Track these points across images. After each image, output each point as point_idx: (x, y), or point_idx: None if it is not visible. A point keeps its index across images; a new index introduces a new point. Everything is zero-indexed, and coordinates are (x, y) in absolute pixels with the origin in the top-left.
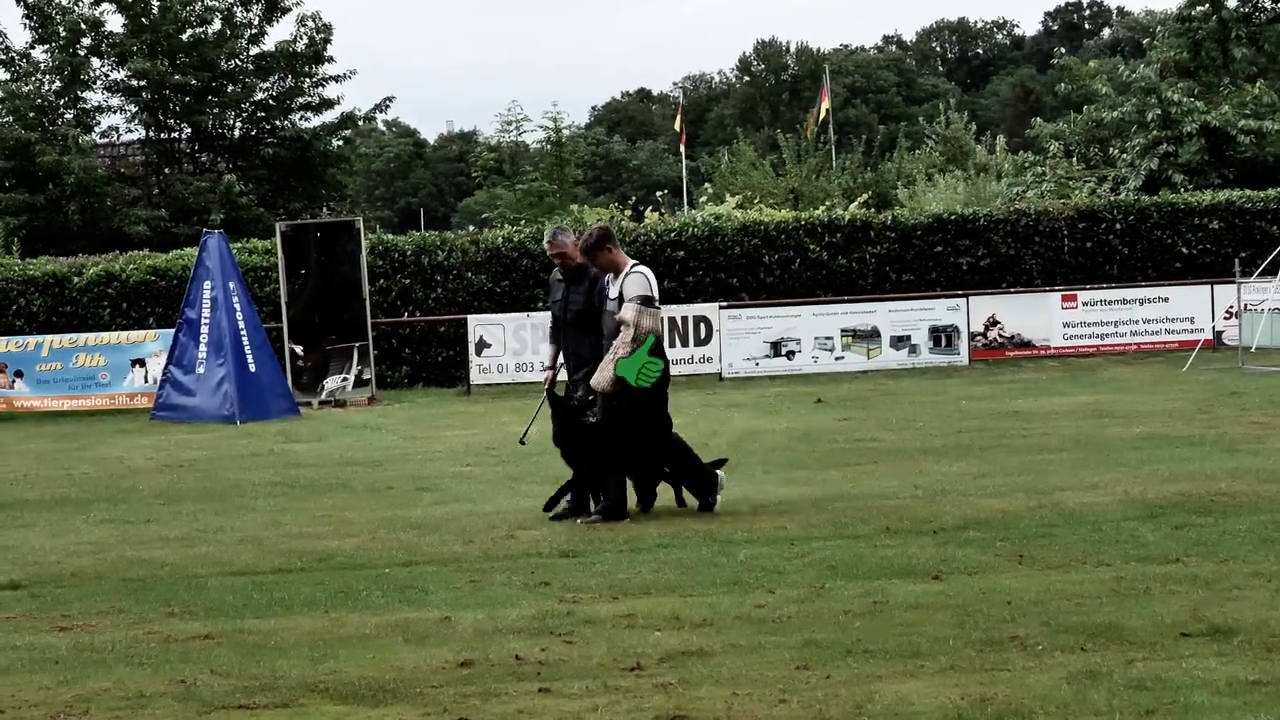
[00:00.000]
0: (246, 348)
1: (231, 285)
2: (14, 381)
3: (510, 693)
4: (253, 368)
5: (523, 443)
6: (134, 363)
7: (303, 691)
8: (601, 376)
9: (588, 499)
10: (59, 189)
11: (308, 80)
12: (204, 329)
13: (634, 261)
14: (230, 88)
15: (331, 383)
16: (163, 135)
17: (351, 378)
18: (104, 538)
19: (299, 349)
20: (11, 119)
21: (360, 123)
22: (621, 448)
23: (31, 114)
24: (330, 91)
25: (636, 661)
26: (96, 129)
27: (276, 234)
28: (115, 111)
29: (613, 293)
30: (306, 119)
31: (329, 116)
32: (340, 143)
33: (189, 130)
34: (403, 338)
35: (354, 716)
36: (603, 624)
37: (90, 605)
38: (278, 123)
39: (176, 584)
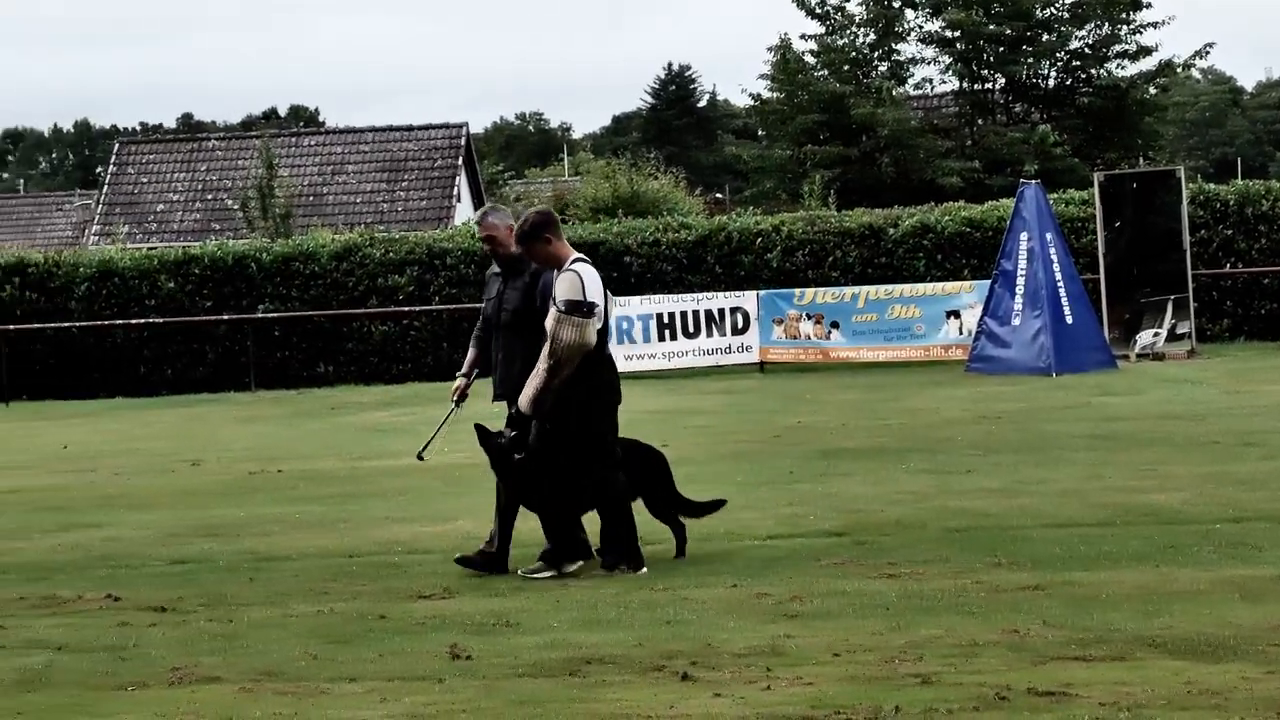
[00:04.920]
0: (1063, 299)
1: (1049, 236)
2: (830, 332)
3: None
4: (1069, 320)
5: (420, 458)
6: (949, 314)
7: (1137, 645)
8: (523, 395)
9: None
10: (872, 141)
11: (1125, 27)
12: (1020, 281)
13: (577, 255)
14: (1045, 37)
15: (1144, 336)
16: (976, 86)
17: (1164, 331)
18: (923, 487)
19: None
20: (826, 72)
21: (1179, 70)
22: (566, 487)
23: (846, 67)
24: (1147, 39)
25: None
26: (910, 81)
27: (1094, 184)
28: (929, 63)
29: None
30: (1123, 67)
31: (1145, 64)
32: (1156, 91)
33: (1002, 80)
34: (1224, 290)
35: (1192, 672)
36: None
37: (914, 553)
38: (1093, 71)
39: (999, 535)
